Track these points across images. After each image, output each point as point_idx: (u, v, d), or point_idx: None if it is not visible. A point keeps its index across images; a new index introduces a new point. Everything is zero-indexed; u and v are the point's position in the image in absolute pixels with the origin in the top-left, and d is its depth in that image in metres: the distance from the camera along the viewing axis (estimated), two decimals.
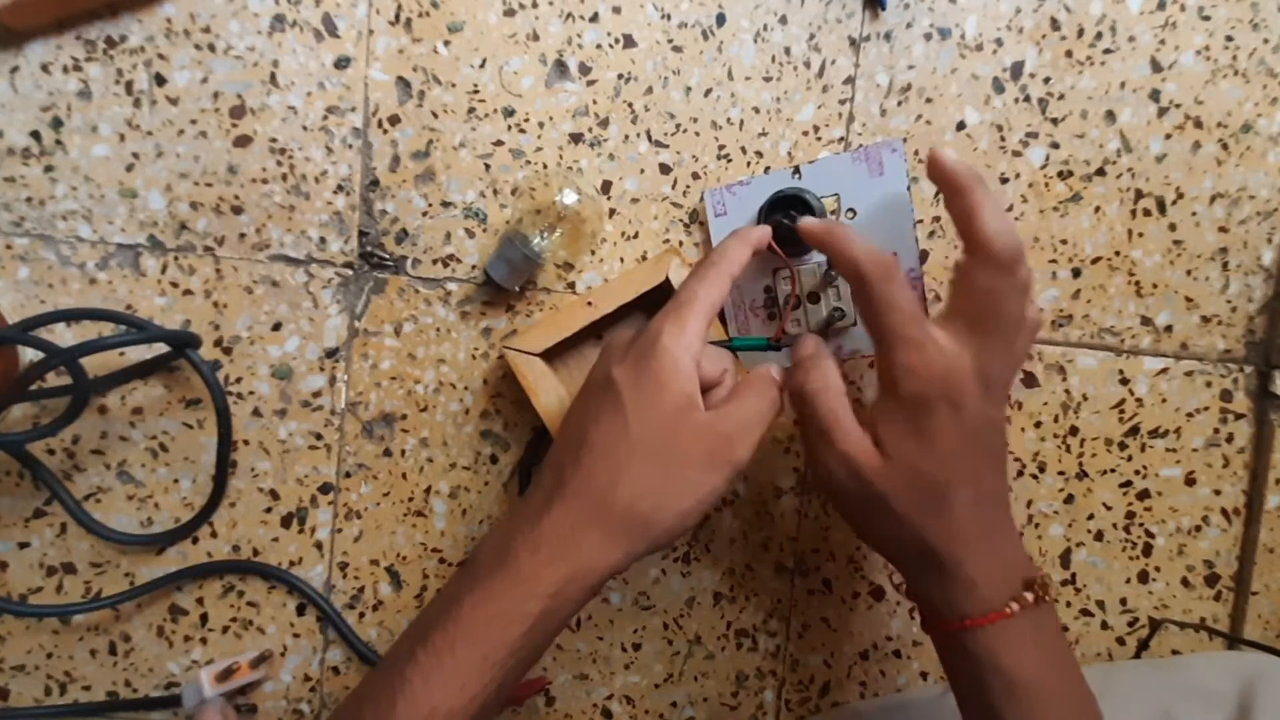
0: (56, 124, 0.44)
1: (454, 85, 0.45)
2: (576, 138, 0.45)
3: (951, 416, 0.34)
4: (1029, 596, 0.35)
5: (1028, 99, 0.45)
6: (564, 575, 0.33)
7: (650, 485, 0.34)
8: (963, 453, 0.35)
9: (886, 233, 0.43)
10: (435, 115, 0.45)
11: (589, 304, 0.43)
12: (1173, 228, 0.46)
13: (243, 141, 0.45)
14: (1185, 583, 0.48)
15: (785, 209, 0.42)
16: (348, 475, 0.47)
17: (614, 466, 0.34)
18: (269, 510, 0.47)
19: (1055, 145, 0.45)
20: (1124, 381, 0.46)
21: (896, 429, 0.35)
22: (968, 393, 0.34)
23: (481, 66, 0.45)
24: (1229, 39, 0.45)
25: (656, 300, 0.45)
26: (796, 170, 0.44)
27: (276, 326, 0.46)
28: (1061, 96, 0.45)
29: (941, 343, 0.34)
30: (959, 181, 0.35)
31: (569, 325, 0.43)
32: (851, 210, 0.43)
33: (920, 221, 0.44)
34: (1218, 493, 0.47)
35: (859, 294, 0.36)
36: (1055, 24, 0.45)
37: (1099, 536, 0.47)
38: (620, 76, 0.45)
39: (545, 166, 0.45)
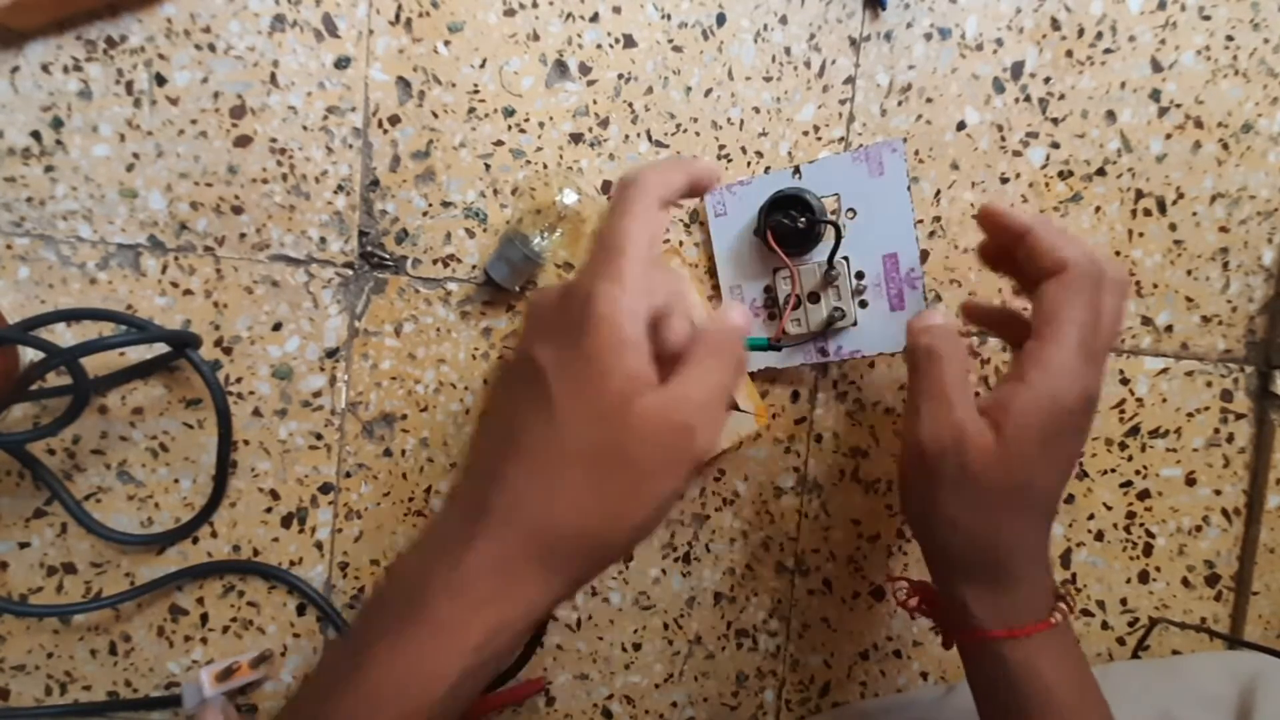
0: (57, 124, 0.44)
1: (454, 85, 0.45)
2: (577, 138, 0.45)
3: (1079, 432, 0.34)
4: (1064, 607, 0.35)
5: (1028, 99, 0.45)
6: (494, 623, 0.27)
7: (594, 498, 0.27)
8: (1069, 468, 0.35)
9: (886, 233, 0.43)
10: (435, 115, 0.45)
11: None
12: (1173, 228, 0.46)
13: (243, 141, 0.45)
14: (1185, 583, 0.48)
15: (785, 209, 0.42)
16: (348, 475, 0.47)
17: (547, 480, 0.27)
18: (269, 510, 0.47)
19: (1055, 145, 0.45)
20: (1124, 381, 0.46)
21: (1028, 422, 0.32)
22: (1091, 414, 0.34)
23: (482, 66, 0.45)
24: (1229, 39, 0.45)
25: None
26: (796, 170, 0.44)
27: (277, 326, 0.46)
28: (1062, 96, 0.45)
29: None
30: (1025, 221, 0.34)
31: None
32: (851, 210, 0.43)
33: (920, 221, 0.44)
34: (1218, 493, 0.47)
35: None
36: (1055, 24, 0.45)
37: (1099, 536, 0.47)
38: (620, 76, 0.45)
39: (545, 166, 0.45)
